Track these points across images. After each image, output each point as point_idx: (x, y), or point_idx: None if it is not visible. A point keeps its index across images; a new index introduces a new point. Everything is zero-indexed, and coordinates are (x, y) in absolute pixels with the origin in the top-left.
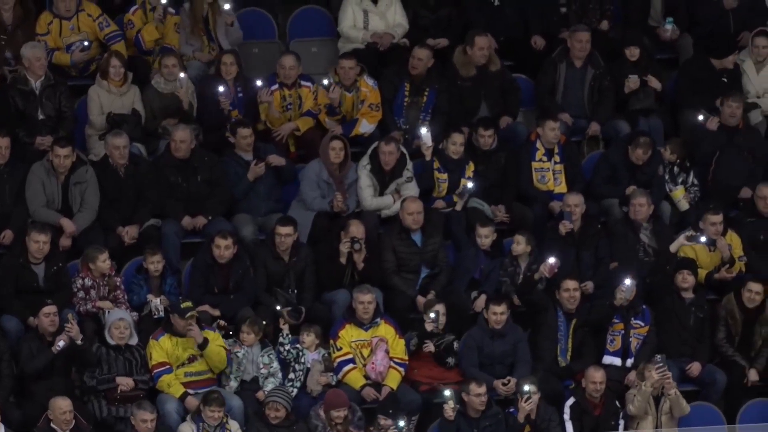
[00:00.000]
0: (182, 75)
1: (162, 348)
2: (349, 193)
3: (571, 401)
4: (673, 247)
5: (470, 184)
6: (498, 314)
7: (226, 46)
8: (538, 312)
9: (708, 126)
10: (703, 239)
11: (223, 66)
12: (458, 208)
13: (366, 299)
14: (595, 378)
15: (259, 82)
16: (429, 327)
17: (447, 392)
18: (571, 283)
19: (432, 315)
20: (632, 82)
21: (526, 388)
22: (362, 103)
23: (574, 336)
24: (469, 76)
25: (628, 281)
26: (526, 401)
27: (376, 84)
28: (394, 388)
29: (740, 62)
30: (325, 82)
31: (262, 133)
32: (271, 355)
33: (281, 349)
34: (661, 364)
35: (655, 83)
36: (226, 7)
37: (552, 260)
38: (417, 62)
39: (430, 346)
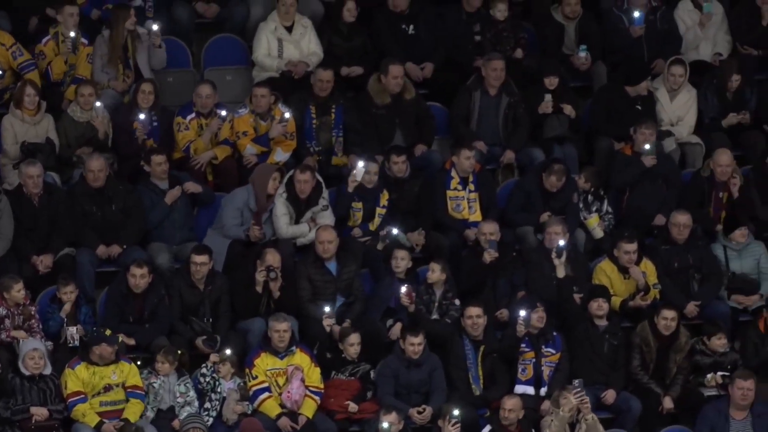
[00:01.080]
0: (98, 104)
1: (78, 377)
2: (265, 222)
3: (487, 429)
4: (558, 273)
5: (395, 231)
6: (415, 345)
7: (147, 73)
8: (445, 341)
9: (645, 162)
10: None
11: (141, 94)
12: (379, 247)
13: (282, 327)
14: (508, 405)
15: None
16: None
17: (385, 424)
18: (474, 310)
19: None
20: (545, 104)
21: (456, 412)
22: None
23: (483, 363)
24: (384, 104)
25: (523, 312)
26: (453, 425)
27: (291, 112)
28: (310, 416)
29: (654, 90)
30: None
31: (178, 162)
32: (187, 384)
33: (201, 379)
34: (579, 389)
35: (569, 111)
36: (155, 27)
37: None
38: (326, 84)
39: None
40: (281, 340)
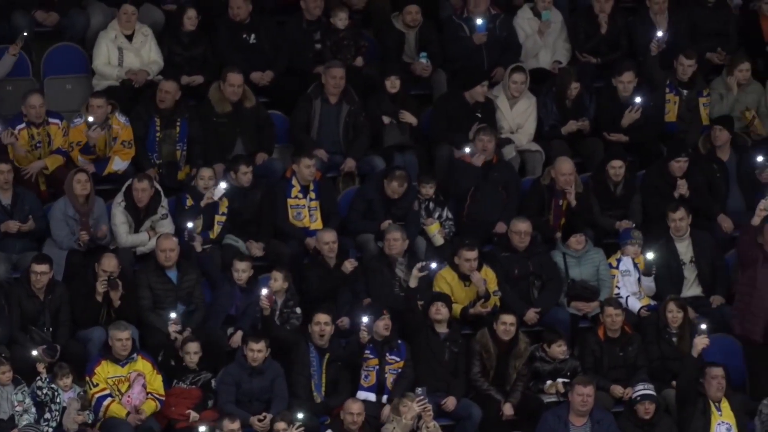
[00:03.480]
0: None
1: None
2: (100, 224)
3: None
4: (412, 282)
5: (434, 265)
6: (256, 351)
7: None
8: (290, 348)
9: (474, 162)
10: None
11: None
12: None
13: (123, 336)
14: (353, 410)
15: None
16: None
17: (202, 428)
18: (322, 317)
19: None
20: (385, 120)
21: (300, 416)
22: (114, 140)
23: (327, 371)
24: (225, 113)
25: (365, 319)
26: (297, 428)
27: (128, 121)
28: (148, 415)
29: (494, 98)
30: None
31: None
32: (24, 392)
33: (39, 392)
34: (422, 397)
35: (410, 118)
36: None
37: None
38: (165, 95)
39: None
40: (123, 349)
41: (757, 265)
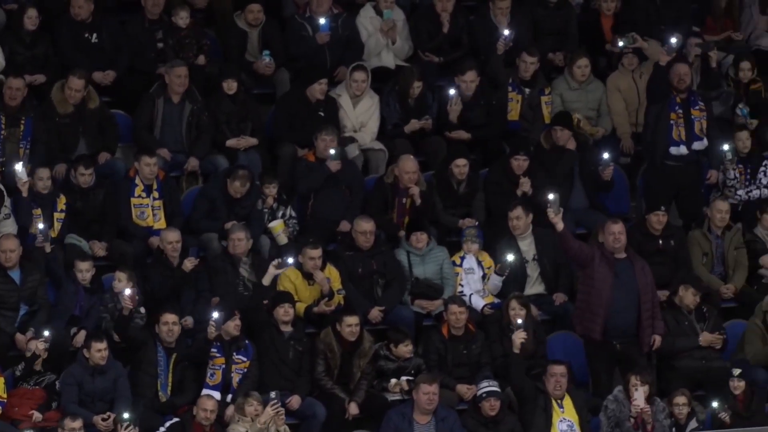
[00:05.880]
0: None
1: None
2: None
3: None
4: (265, 280)
5: (290, 260)
6: (102, 351)
7: None
8: (137, 348)
9: (330, 167)
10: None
11: None
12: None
13: None
14: (207, 406)
15: None
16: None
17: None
18: (170, 317)
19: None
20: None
21: (125, 416)
22: None
23: (174, 370)
24: (67, 113)
25: (215, 314)
26: (125, 428)
27: None
28: None
29: (337, 96)
30: None
31: None
32: None
33: None
34: (275, 400)
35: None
36: None
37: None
38: (15, 92)
39: None
40: None
41: (593, 264)
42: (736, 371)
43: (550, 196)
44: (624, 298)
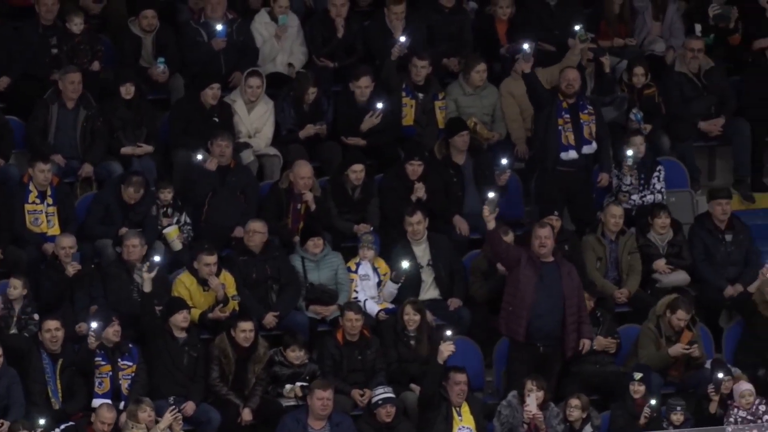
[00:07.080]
0: None
1: None
2: None
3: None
4: (145, 287)
5: (157, 258)
6: None
7: None
8: (23, 355)
9: (207, 166)
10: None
11: None
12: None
13: None
14: (105, 419)
15: None
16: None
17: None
18: (52, 324)
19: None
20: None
21: (41, 422)
22: None
23: (62, 377)
24: None
25: (94, 324)
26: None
27: None
28: None
29: (231, 102)
30: None
31: None
32: None
33: None
34: (173, 406)
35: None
36: None
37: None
38: None
39: None
40: None
41: (519, 267)
42: (637, 375)
43: (489, 195)
44: (548, 301)
